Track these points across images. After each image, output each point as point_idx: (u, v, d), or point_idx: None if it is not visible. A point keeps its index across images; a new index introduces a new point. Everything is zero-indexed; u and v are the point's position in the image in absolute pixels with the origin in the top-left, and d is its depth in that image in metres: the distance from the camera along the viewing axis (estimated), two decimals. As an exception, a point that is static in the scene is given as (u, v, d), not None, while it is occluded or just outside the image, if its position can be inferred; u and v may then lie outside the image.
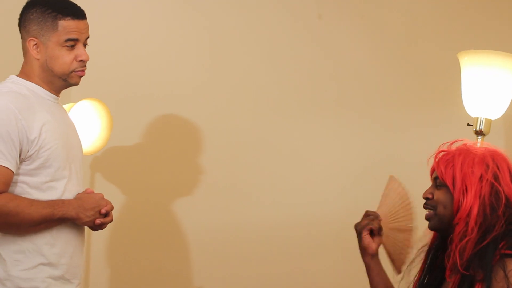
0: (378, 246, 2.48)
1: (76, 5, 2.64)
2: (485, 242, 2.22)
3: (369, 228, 2.47)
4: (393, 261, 2.49)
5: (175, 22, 4.03)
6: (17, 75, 2.62)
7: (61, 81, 2.61)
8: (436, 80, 4.11)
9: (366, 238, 2.47)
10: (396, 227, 2.48)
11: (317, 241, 4.05)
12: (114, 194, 3.89)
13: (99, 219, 2.60)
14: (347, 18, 4.17)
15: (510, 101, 3.53)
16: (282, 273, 4.06)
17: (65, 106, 3.37)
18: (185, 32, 4.04)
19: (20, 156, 2.49)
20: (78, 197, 2.60)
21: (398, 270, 2.48)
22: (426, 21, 4.17)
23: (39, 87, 2.59)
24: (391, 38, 4.16)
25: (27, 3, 2.61)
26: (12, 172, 2.47)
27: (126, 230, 3.95)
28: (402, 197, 2.51)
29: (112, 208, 2.67)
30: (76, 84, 2.65)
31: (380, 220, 2.48)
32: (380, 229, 2.47)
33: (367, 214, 2.51)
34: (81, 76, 2.64)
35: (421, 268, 2.44)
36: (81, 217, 2.57)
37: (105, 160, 3.89)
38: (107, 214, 2.63)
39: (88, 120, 3.49)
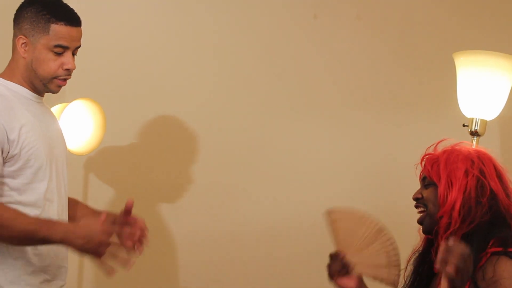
0: (357, 280, 2.41)
1: (73, 11, 2.61)
2: (469, 228, 2.24)
3: (341, 273, 2.41)
4: (381, 280, 2.43)
5: (170, 20, 4.01)
6: None
7: (41, 85, 2.58)
8: (431, 80, 4.10)
9: (340, 282, 2.41)
10: (362, 247, 2.40)
11: (314, 243, 4.02)
12: (107, 194, 3.88)
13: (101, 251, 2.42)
14: (343, 18, 4.14)
15: (505, 101, 3.53)
16: (278, 276, 4.05)
17: (58, 106, 3.38)
18: (180, 32, 4.02)
19: (1, 156, 2.45)
20: (77, 222, 2.54)
21: (393, 283, 2.42)
22: (421, 21, 4.15)
23: (21, 87, 2.56)
24: (387, 38, 4.14)
25: (26, 1, 2.59)
26: None
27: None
28: (351, 218, 2.44)
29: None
30: (54, 92, 2.61)
31: (346, 257, 2.40)
32: (351, 265, 2.40)
33: (332, 257, 2.43)
34: (61, 86, 2.60)
35: (410, 271, 2.43)
36: (66, 243, 2.42)
37: (98, 160, 3.88)
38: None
39: (82, 120, 3.48)
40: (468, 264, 2.00)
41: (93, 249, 2.41)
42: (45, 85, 2.57)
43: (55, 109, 3.36)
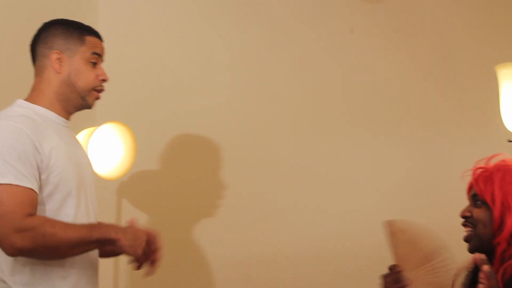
0: None
1: None
2: None
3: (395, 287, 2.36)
4: None
5: (198, 42, 4.00)
6: (24, 99, 2.56)
7: (79, 99, 2.56)
8: (474, 94, 4.05)
9: None
10: (421, 262, 2.35)
11: (350, 265, 3.97)
12: (141, 220, 3.83)
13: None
14: (380, 31, 4.12)
15: (552, 115, 3.45)
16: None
17: (88, 130, 3.38)
18: (210, 54, 4.00)
19: (39, 179, 2.40)
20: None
21: None
22: (462, 33, 4.11)
23: (48, 110, 2.54)
24: (426, 51, 4.09)
25: (47, 23, 2.61)
26: (36, 193, 2.38)
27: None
28: (412, 231, 2.38)
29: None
30: (91, 105, 2.61)
31: (402, 272, 2.35)
32: (406, 281, 2.35)
33: (389, 270, 2.38)
34: (97, 99, 2.61)
35: None
36: (119, 239, 2.37)
37: (131, 185, 3.85)
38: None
39: (112, 144, 3.45)
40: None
41: (138, 247, 2.40)
42: (83, 98, 2.57)
43: (84, 133, 3.37)
